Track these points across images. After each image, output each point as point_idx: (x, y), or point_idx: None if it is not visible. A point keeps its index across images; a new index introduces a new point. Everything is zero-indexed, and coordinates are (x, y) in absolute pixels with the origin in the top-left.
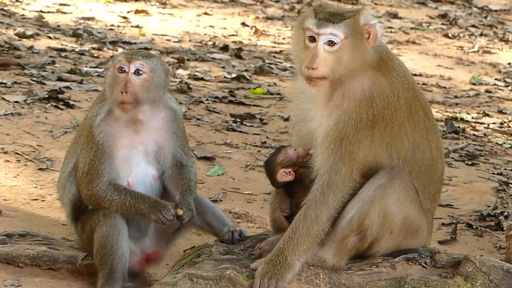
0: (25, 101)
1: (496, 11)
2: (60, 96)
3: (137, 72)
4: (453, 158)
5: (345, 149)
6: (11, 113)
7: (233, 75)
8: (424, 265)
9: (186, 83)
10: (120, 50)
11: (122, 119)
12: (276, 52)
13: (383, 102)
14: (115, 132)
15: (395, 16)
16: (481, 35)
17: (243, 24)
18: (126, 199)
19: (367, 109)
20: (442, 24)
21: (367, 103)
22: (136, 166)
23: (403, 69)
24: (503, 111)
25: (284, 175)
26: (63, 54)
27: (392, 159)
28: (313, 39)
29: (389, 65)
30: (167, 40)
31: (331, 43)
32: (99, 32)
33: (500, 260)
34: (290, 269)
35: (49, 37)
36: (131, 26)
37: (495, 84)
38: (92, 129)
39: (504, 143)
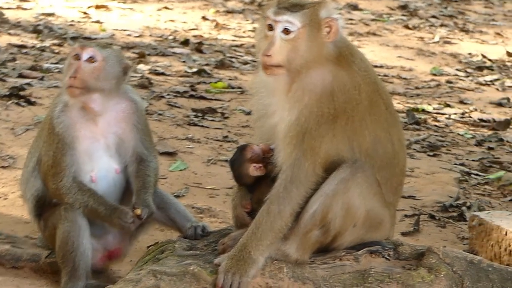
0: None
1: (456, 1)
2: (21, 93)
3: (90, 60)
4: (415, 149)
5: (307, 144)
6: None
7: (194, 70)
8: (387, 257)
9: (147, 78)
10: None
11: (77, 108)
12: (237, 46)
13: (344, 96)
14: (74, 123)
15: (355, 7)
16: (441, 25)
17: (204, 18)
18: (89, 202)
19: (328, 103)
20: (403, 15)
21: (328, 97)
22: (98, 160)
23: (364, 63)
24: (464, 102)
25: (256, 169)
26: (23, 50)
27: (354, 153)
28: (271, 27)
29: (350, 60)
30: (128, 35)
31: (286, 31)
32: (59, 28)
33: (464, 251)
34: (254, 264)
35: (10, 34)
36: (92, 22)
37: (456, 75)
38: (52, 121)
39: (466, 133)
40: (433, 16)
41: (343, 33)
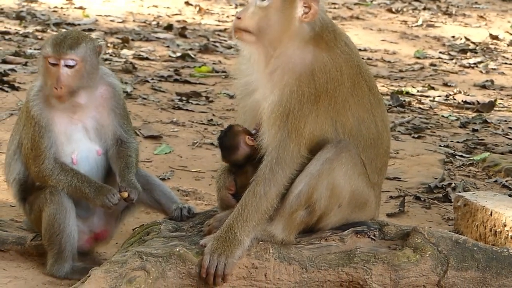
0: None
1: None
2: (5, 78)
3: (68, 66)
4: (399, 131)
5: (292, 125)
6: None
7: (178, 54)
8: (373, 237)
9: (131, 63)
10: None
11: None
12: (220, 31)
13: (325, 76)
14: (49, 106)
15: None
16: (424, 9)
17: (187, 3)
18: (73, 181)
19: (309, 82)
20: None
21: (308, 76)
22: (78, 142)
23: (348, 47)
24: (448, 84)
25: (251, 140)
26: (7, 37)
27: (338, 134)
28: None
29: (333, 43)
30: (111, 20)
31: None
32: (42, 14)
33: (449, 231)
34: (240, 245)
35: None
36: (75, 8)
37: (439, 58)
38: (28, 104)
39: (450, 115)
40: (416, 0)
41: (326, 16)
